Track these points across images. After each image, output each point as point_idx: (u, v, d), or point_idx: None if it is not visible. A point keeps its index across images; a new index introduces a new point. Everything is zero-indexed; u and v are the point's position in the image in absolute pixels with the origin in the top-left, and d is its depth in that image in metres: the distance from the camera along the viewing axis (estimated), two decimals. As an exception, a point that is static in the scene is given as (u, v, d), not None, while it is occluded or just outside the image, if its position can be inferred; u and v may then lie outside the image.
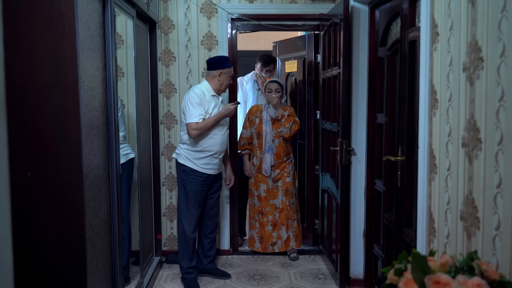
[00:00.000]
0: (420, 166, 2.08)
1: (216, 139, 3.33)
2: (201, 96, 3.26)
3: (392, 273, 1.16)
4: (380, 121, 3.00)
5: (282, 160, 3.91)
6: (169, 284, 3.48)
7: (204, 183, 3.36)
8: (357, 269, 3.38)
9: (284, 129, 3.83)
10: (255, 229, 3.99)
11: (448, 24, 1.78)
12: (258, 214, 3.96)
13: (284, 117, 3.85)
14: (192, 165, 3.32)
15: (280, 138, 3.88)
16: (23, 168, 1.82)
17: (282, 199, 3.93)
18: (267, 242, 3.94)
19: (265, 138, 3.87)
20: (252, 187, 3.99)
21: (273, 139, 3.88)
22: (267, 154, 3.86)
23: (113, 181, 2.33)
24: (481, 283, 1.01)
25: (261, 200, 3.94)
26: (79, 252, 1.91)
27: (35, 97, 1.82)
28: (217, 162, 3.40)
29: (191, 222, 3.36)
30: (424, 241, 2.02)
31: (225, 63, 3.38)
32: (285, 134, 3.83)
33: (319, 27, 3.94)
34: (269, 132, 3.86)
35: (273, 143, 3.87)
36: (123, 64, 2.92)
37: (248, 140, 3.97)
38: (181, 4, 3.82)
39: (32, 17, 1.80)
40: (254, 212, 3.98)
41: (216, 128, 3.31)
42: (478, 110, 1.51)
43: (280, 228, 3.93)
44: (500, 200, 1.37)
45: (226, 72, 3.36)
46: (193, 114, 3.22)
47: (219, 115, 3.28)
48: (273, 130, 3.86)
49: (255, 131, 3.93)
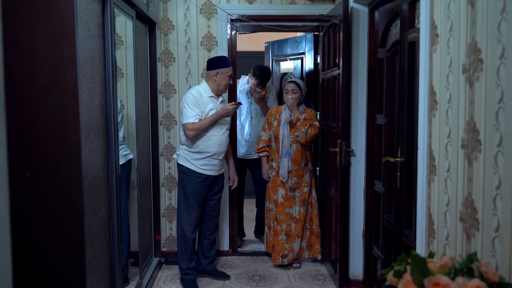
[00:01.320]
0: (420, 167, 2.08)
1: (214, 140, 3.31)
2: (197, 97, 3.26)
3: (392, 275, 1.16)
4: (379, 122, 3.00)
5: (299, 167, 3.71)
6: (168, 285, 3.48)
7: (203, 184, 3.35)
8: (357, 270, 3.37)
9: (300, 134, 3.60)
10: (270, 237, 3.84)
11: (448, 26, 1.78)
12: (273, 220, 3.79)
13: (300, 120, 3.64)
14: (190, 165, 3.32)
15: (297, 144, 3.68)
16: (22, 169, 1.81)
17: (299, 210, 3.73)
18: (278, 253, 3.73)
19: (282, 141, 3.68)
20: (270, 190, 3.82)
21: (291, 143, 3.68)
22: (284, 159, 3.67)
23: (112, 182, 2.33)
24: (480, 285, 1.01)
25: (277, 206, 3.74)
26: (78, 253, 1.91)
27: (34, 98, 1.82)
28: (216, 163, 3.38)
29: (190, 223, 3.35)
30: (423, 243, 2.02)
31: (221, 62, 3.35)
32: (301, 139, 3.61)
33: (318, 28, 3.95)
34: (286, 135, 3.67)
35: (290, 147, 3.68)
36: (123, 64, 2.92)
37: (267, 142, 3.82)
38: (180, 5, 3.83)
39: (31, 17, 1.80)
40: (271, 218, 3.82)
41: (214, 129, 3.30)
42: (477, 111, 1.51)
43: (295, 240, 3.74)
44: (500, 201, 1.37)
45: (223, 72, 3.31)
46: (189, 114, 3.22)
47: (216, 115, 3.27)
48: (290, 134, 3.68)
49: (273, 134, 3.77)
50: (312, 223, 3.83)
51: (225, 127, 3.39)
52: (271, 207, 3.82)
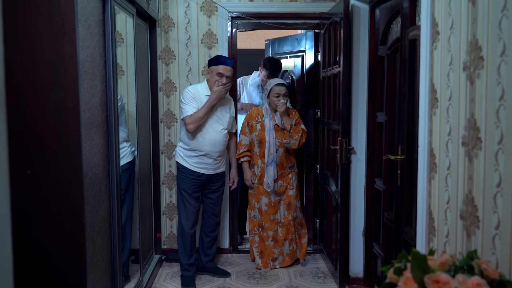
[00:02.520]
0: (420, 165, 2.08)
1: (208, 140, 3.31)
2: (194, 93, 3.31)
3: (392, 272, 1.16)
4: (380, 120, 3.00)
5: (285, 171, 3.59)
6: (169, 282, 3.48)
7: (196, 182, 3.36)
8: (357, 267, 3.38)
9: (292, 141, 3.48)
10: (254, 243, 3.67)
11: (449, 23, 1.78)
12: (258, 227, 3.65)
13: (292, 126, 3.49)
14: (184, 162, 3.36)
15: (283, 147, 3.53)
16: (23, 166, 1.82)
17: (284, 213, 3.62)
18: (268, 257, 3.65)
19: (268, 149, 3.47)
20: (253, 198, 3.66)
21: (276, 148, 3.51)
22: (270, 167, 3.49)
23: (113, 179, 2.33)
24: (480, 282, 1.01)
25: (262, 214, 3.62)
26: (79, 250, 1.91)
27: (35, 95, 1.82)
28: (211, 162, 3.36)
29: (188, 218, 3.38)
30: (423, 240, 2.02)
31: (213, 61, 3.35)
32: (292, 145, 3.50)
33: (319, 26, 3.94)
34: (272, 142, 3.47)
35: (276, 153, 3.51)
36: (123, 62, 2.92)
37: (248, 147, 3.60)
38: (181, 3, 3.82)
39: (32, 15, 1.80)
40: (254, 225, 3.66)
41: (209, 128, 3.30)
42: (478, 109, 1.51)
43: (283, 244, 3.65)
44: (500, 199, 1.37)
45: (212, 70, 3.32)
46: (187, 109, 3.27)
47: (208, 102, 3.25)
48: (276, 138, 3.50)
49: (256, 138, 3.55)
50: (302, 227, 3.73)
51: (221, 126, 3.37)
52: (253, 214, 3.67)
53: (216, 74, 3.28)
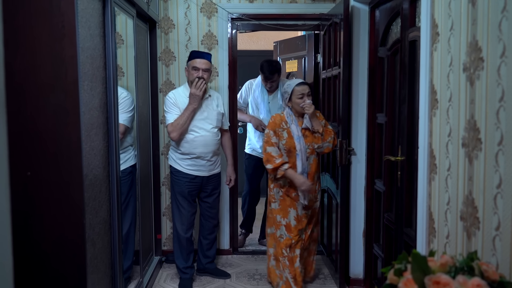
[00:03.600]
0: (420, 166, 2.08)
1: (198, 141, 3.22)
2: (174, 98, 3.23)
3: (392, 273, 1.16)
4: (380, 121, 3.00)
5: (313, 181, 3.13)
6: (169, 283, 3.48)
7: (191, 184, 3.31)
8: (357, 269, 3.38)
9: (325, 144, 3.10)
10: (286, 268, 3.06)
11: (449, 24, 1.78)
12: (286, 248, 3.07)
13: (323, 128, 3.10)
14: (177, 165, 3.31)
15: (315, 154, 3.12)
16: (23, 168, 1.81)
17: (306, 230, 3.18)
18: (300, 286, 3.09)
19: (301, 159, 3.02)
20: (277, 214, 3.11)
21: (307, 156, 3.08)
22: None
23: (113, 180, 2.33)
24: (481, 283, 1.01)
25: (290, 231, 3.07)
26: (79, 252, 1.91)
27: (35, 97, 1.82)
28: (205, 164, 3.30)
29: (183, 222, 3.33)
30: (424, 241, 2.02)
31: (188, 57, 3.26)
32: (325, 149, 3.13)
33: (319, 27, 3.94)
34: (303, 150, 3.02)
35: (307, 161, 3.07)
36: (123, 63, 2.92)
37: (281, 155, 3.03)
38: (181, 4, 3.82)
39: (32, 16, 1.80)
40: (282, 246, 3.08)
41: (197, 129, 3.21)
42: (478, 110, 1.51)
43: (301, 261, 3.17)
44: (500, 200, 1.37)
45: (188, 65, 3.25)
46: (168, 117, 3.21)
47: (187, 107, 3.14)
48: (306, 145, 3.06)
49: (284, 148, 3.04)
50: (314, 243, 3.32)
51: (210, 125, 3.26)
52: (280, 234, 3.10)
53: (191, 68, 3.20)
